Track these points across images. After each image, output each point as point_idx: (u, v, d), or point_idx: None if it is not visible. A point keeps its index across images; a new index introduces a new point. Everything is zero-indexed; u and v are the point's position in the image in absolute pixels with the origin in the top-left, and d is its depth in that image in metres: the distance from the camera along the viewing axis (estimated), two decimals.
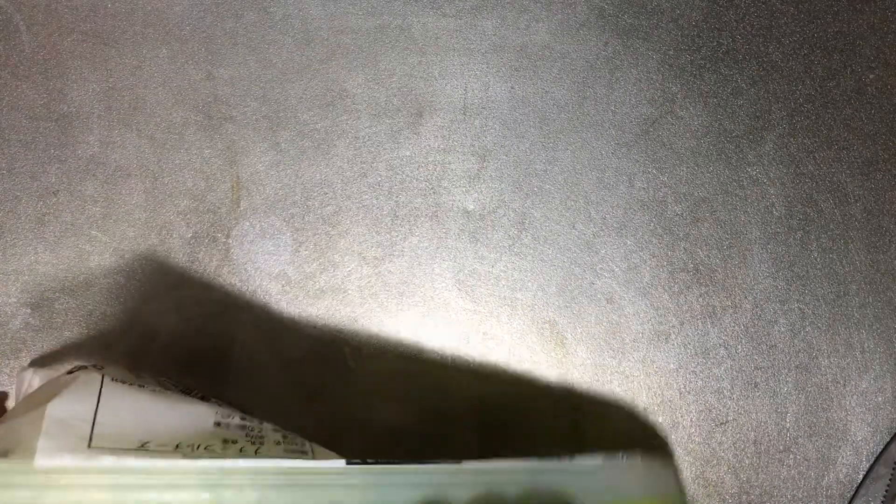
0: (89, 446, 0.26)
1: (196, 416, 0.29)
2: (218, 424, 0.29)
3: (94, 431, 0.26)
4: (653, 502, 0.29)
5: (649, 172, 0.38)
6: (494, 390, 0.37)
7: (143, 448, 0.26)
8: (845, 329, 0.37)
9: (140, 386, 0.30)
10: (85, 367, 0.31)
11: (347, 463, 0.25)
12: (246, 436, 0.29)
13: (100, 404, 0.28)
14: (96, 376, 0.29)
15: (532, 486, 0.26)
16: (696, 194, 0.38)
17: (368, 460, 0.25)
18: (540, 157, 0.38)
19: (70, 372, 0.30)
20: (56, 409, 0.27)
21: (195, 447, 0.27)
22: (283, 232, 0.37)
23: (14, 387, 0.35)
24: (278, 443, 0.29)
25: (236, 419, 0.29)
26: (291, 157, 0.37)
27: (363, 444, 0.37)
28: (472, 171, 0.38)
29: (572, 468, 0.28)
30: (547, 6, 0.38)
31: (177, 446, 0.27)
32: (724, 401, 0.37)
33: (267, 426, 0.30)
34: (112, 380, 0.29)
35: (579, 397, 0.37)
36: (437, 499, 0.25)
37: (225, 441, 0.28)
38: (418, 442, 0.37)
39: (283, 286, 0.37)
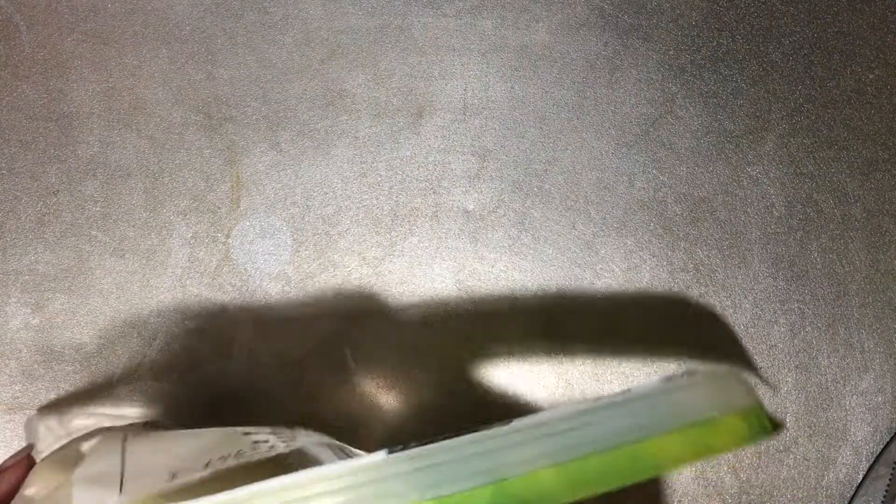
0: (121, 493, 0.26)
1: (224, 432, 0.29)
2: (247, 433, 0.29)
3: (124, 481, 0.27)
4: (730, 419, 0.25)
5: (649, 172, 0.38)
6: (495, 390, 0.37)
7: (173, 479, 0.26)
8: (845, 329, 0.37)
9: (165, 428, 0.31)
10: (106, 428, 0.32)
11: (389, 452, 0.23)
12: (277, 436, 0.29)
13: (125, 456, 0.28)
14: (117, 433, 0.30)
15: (596, 429, 0.24)
16: (696, 194, 0.38)
17: (411, 444, 0.24)
18: (540, 157, 0.38)
19: (91, 434, 0.31)
20: (82, 473, 0.27)
21: (226, 458, 0.27)
22: (283, 232, 0.37)
23: (25, 435, 0.35)
24: (309, 436, 0.29)
25: (266, 429, 0.30)
26: (291, 157, 0.37)
27: (364, 445, 0.37)
28: (472, 171, 0.38)
29: (629, 398, 0.25)
30: (547, 6, 0.38)
31: (206, 464, 0.27)
32: None
33: (299, 430, 0.30)
34: (134, 434, 0.29)
35: (580, 396, 0.37)
36: (495, 468, 0.23)
37: (255, 443, 0.28)
38: (419, 442, 0.37)
39: (283, 286, 0.37)
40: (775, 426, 0.27)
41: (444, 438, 0.24)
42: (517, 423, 0.24)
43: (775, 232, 0.37)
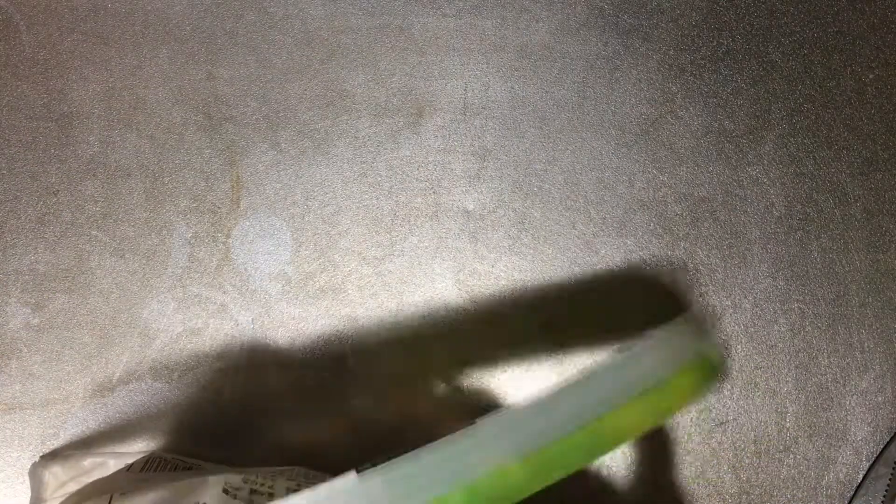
0: None
1: (193, 482, 0.30)
2: (226, 492, 0.30)
3: None
4: (680, 376, 0.27)
5: (649, 172, 0.38)
6: (495, 390, 0.37)
7: None
8: (845, 329, 0.37)
9: (165, 462, 0.32)
10: (93, 487, 0.32)
11: (358, 472, 0.24)
12: (253, 481, 0.30)
13: None
14: (104, 496, 0.30)
15: (556, 415, 0.25)
16: (696, 194, 0.38)
17: (377, 462, 0.25)
18: (540, 157, 0.38)
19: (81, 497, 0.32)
20: None
21: None
22: (283, 232, 0.37)
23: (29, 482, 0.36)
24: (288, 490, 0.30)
25: (245, 492, 0.30)
26: (291, 157, 0.37)
27: (363, 445, 0.37)
28: (472, 171, 0.38)
29: (585, 378, 0.26)
30: (547, 6, 0.38)
31: None
32: (724, 401, 0.37)
33: (280, 483, 0.31)
34: (121, 494, 0.30)
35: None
36: (462, 470, 0.24)
37: (225, 492, 0.29)
38: (418, 442, 0.37)
39: (283, 286, 0.37)
40: (718, 366, 0.28)
41: (412, 450, 0.25)
42: (480, 422, 0.25)
43: (775, 232, 0.37)
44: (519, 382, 0.37)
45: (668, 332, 0.28)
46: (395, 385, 0.37)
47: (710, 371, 0.28)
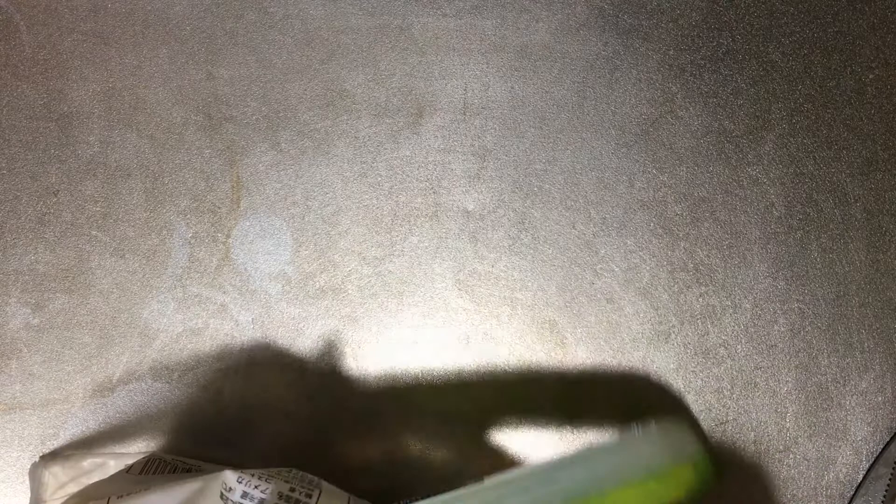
0: None
1: (199, 487, 0.30)
2: (222, 496, 0.30)
3: None
4: (681, 468, 0.29)
5: (649, 172, 0.38)
6: (495, 390, 0.37)
7: None
8: (845, 329, 0.37)
9: (165, 464, 0.32)
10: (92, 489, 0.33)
11: None
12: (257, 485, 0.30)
13: None
14: (101, 500, 0.30)
15: (561, 484, 0.26)
16: (696, 194, 0.38)
17: None
18: (540, 157, 0.38)
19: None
20: None
21: None
22: (283, 232, 0.37)
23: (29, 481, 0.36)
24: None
25: (237, 495, 0.30)
26: (291, 157, 0.37)
27: (364, 445, 0.37)
28: (472, 171, 0.38)
29: (591, 454, 0.28)
30: (547, 6, 0.38)
31: None
32: (724, 401, 0.37)
33: (274, 486, 0.30)
34: (119, 497, 0.30)
35: (579, 396, 0.37)
36: None
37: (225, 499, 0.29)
38: (419, 442, 0.37)
39: (283, 286, 0.37)
40: (717, 475, 0.30)
41: (420, 499, 0.26)
42: (489, 481, 0.26)
43: (775, 232, 0.37)
44: (519, 383, 0.37)
45: (673, 426, 0.30)
46: (396, 385, 0.37)
47: (708, 473, 0.30)
